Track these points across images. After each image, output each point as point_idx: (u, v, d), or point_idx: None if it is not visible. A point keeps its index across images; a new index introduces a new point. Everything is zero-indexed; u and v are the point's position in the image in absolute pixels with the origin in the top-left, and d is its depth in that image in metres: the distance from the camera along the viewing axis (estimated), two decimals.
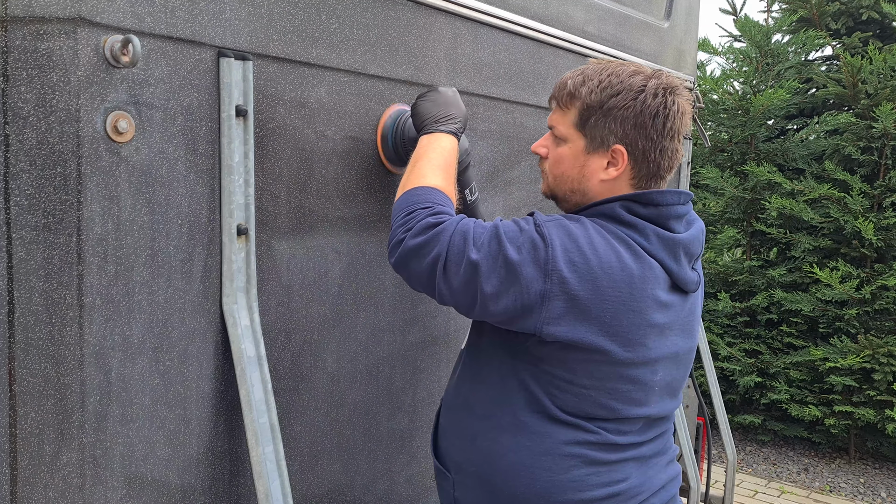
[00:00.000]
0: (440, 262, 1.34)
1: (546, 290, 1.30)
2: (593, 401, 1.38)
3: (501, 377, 1.43)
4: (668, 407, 1.50)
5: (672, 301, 1.41)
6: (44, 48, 1.11)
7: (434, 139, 1.51)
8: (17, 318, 1.13)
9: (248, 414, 1.35)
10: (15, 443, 1.15)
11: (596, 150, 1.41)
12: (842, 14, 5.57)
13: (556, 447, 1.38)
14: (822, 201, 5.18)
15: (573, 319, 1.31)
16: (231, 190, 1.34)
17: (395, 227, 1.41)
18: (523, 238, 1.33)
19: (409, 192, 1.43)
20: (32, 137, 1.12)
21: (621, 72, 1.41)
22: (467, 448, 1.48)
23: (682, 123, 1.41)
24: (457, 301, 1.36)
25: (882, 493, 4.85)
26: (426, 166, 1.47)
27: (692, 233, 1.45)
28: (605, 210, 1.40)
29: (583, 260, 1.31)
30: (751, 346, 5.40)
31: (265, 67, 1.41)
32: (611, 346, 1.34)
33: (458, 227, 1.35)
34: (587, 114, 1.40)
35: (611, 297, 1.31)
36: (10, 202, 1.11)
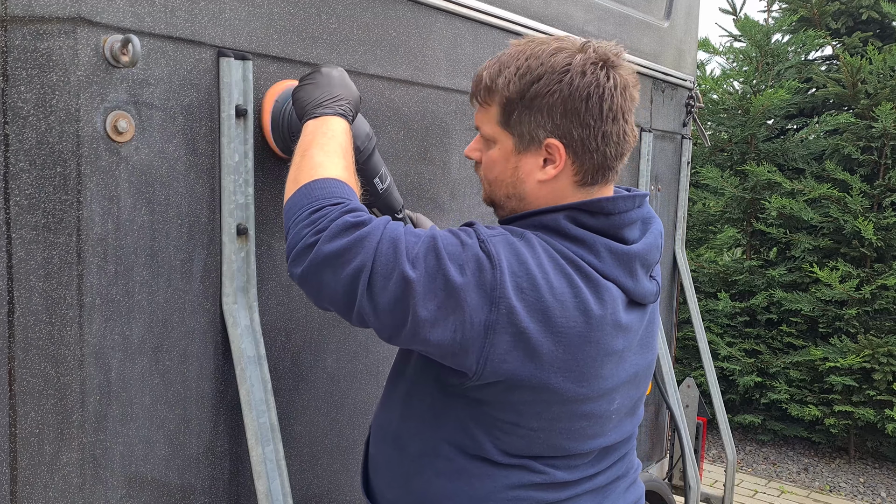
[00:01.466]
0: (364, 275, 1.10)
1: (491, 322, 1.09)
2: (542, 442, 1.20)
3: (435, 414, 1.23)
4: (628, 429, 1.34)
5: (631, 321, 1.23)
6: (44, 48, 1.11)
7: (321, 123, 1.28)
8: (17, 318, 1.13)
9: (248, 413, 1.35)
10: (15, 442, 1.15)
11: (527, 149, 1.21)
12: (842, 14, 5.57)
13: (499, 492, 1.20)
14: (821, 201, 5.18)
15: (521, 357, 1.11)
16: (231, 190, 1.34)
17: (297, 227, 1.16)
18: (466, 255, 1.11)
19: (307, 186, 1.19)
20: (32, 137, 1.12)
21: (541, 52, 1.19)
22: (399, 487, 1.29)
23: (625, 99, 1.19)
24: (381, 323, 1.12)
25: (882, 492, 4.85)
26: (318, 154, 1.23)
27: (648, 240, 1.26)
28: (548, 222, 1.20)
29: (532, 287, 1.11)
30: (751, 346, 5.40)
31: (265, 67, 1.41)
32: (563, 384, 1.15)
33: (386, 233, 1.13)
34: (509, 108, 1.20)
35: (564, 329, 1.12)
36: (10, 202, 1.11)
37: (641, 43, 2.65)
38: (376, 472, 1.35)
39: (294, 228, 1.16)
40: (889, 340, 4.82)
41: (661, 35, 2.82)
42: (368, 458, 1.38)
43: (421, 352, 1.18)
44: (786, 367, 5.22)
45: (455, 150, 1.89)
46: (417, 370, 1.26)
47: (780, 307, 5.31)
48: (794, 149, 5.40)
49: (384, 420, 1.33)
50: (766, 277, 5.36)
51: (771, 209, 5.23)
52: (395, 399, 1.31)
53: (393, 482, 1.30)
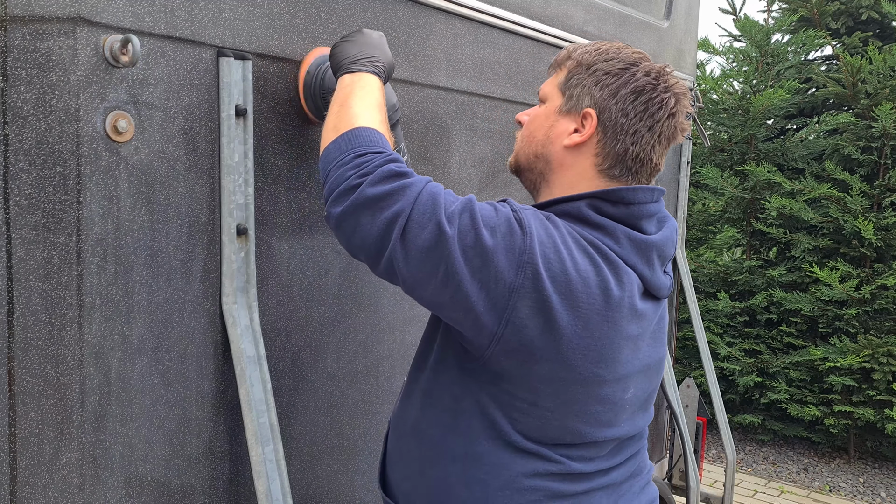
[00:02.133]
0: (400, 220, 1.14)
1: (517, 285, 1.12)
2: (559, 425, 1.22)
3: (454, 398, 1.25)
4: (640, 424, 1.35)
5: (645, 309, 1.26)
6: (43, 48, 1.11)
7: (357, 78, 1.32)
8: (17, 318, 1.13)
9: (247, 413, 1.35)
10: (15, 443, 1.15)
11: (569, 112, 1.28)
12: (842, 14, 5.57)
13: (515, 480, 1.22)
14: (821, 201, 5.18)
15: (541, 325, 1.14)
16: (231, 190, 1.34)
17: (340, 170, 1.20)
18: (499, 220, 1.16)
19: (349, 133, 1.24)
20: (32, 137, 1.12)
21: (624, 48, 1.30)
22: (416, 478, 1.31)
23: (669, 125, 1.27)
24: (409, 270, 1.15)
25: (882, 492, 4.85)
26: (357, 104, 1.28)
27: (665, 234, 1.31)
28: (570, 209, 1.25)
29: (558, 259, 1.15)
30: (750, 346, 5.40)
31: (265, 67, 1.41)
32: (581, 362, 1.18)
33: (428, 187, 1.18)
34: (573, 72, 1.29)
35: (585, 306, 1.16)
36: (10, 202, 1.11)
37: (641, 43, 2.65)
38: (393, 465, 1.37)
39: (336, 171, 1.21)
40: (889, 340, 4.82)
41: (661, 35, 2.82)
42: (386, 453, 1.41)
43: (443, 314, 1.21)
44: (786, 367, 5.22)
45: (455, 150, 1.89)
46: (439, 358, 1.29)
47: (780, 307, 5.31)
48: (794, 149, 5.40)
49: (403, 413, 1.36)
50: (765, 277, 5.36)
51: (771, 209, 5.23)
52: (415, 391, 1.34)
53: (409, 473, 1.33)
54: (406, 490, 1.33)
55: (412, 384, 1.36)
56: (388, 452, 1.40)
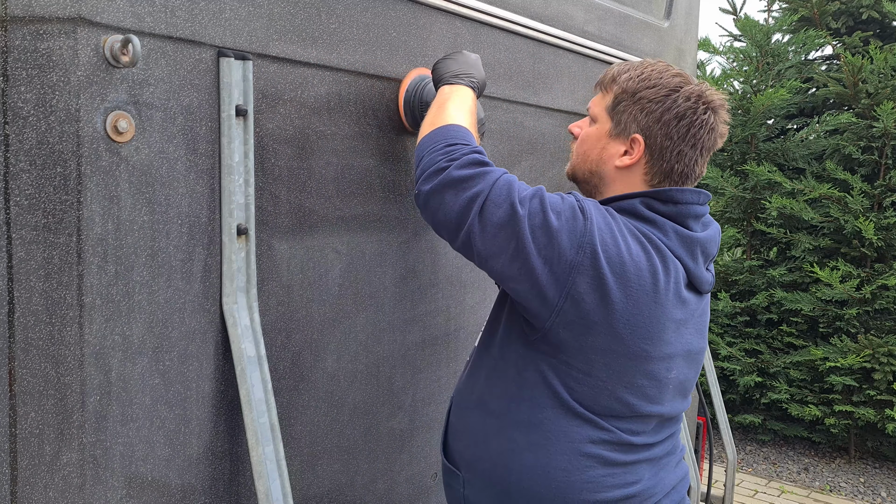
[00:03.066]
0: (479, 200, 1.32)
1: (577, 262, 1.29)
2: (610, 394, 1.36)
3: (518, 370, 1.41)
4: (680, 407, 1.50)
5: (689, 299, 1.41)
6: (44, 48, 1.11)
7: (455, 89, 1.54)
8: (17, 318, 1.13)
9: (248, 414, 1.35)
10: (15, 443, 1.15)
11: (618, 136, 1.44)
12: (842, 13, 5.57)
13: (573, 446, 1.37)
14: (822, 201, 5.18)
15: (597, 300, 1.30)
16: (231, 190, 1.34)
17: (432, 155, 1.39)
18: (564, 206, 1.33)
19: (443, 128, 1.44)
20: (32, 137, 1.12)
21: (665, 70, 1.43)
22: (480, 446, 1.46)
23: (710, 138, 1.42)
24: (484, 243, 1.33)
25: (882, 492, 4.85)
26: (453, 108, 1.48)
27: (710, 233, 1.46)
28: (625, 206, 1.41)
29: (614, 244, 1.31)
30: (751, 346, 5.40)
31: (265, 67, 1.41)
32: (630, 337, 1.33)
33: (504, 176, 1.36)
34: (620, 98, 1.43)
35: (635, 287, 1.31)
36: (10, 202, 1.11)
37: (641, 43, 2.65)
38: (456, 437, 1.52)
39: (429, 155, 1.40)
40: (889, 340, 4.81)
41: (661, 35, 2.82)
42: (448, 426, 1.57)
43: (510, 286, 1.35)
44: (786, 367, 5.22)
45: None
46: (504, 335, 1.45)
47: (781, 307, 5.31)
48: (795, 149, 5.40)
49: (468, 388, 1.52)
50: (766, 277, 5.36)
51: (771, 209, 5.23)
52: (481, 368, 1.49)
53: (474, 443, 1.47)
54: (469, 458, 1.48)
55: (478, 361, 1.51)
56: (451, 426, 1.55)
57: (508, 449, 1.41)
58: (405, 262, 1.77)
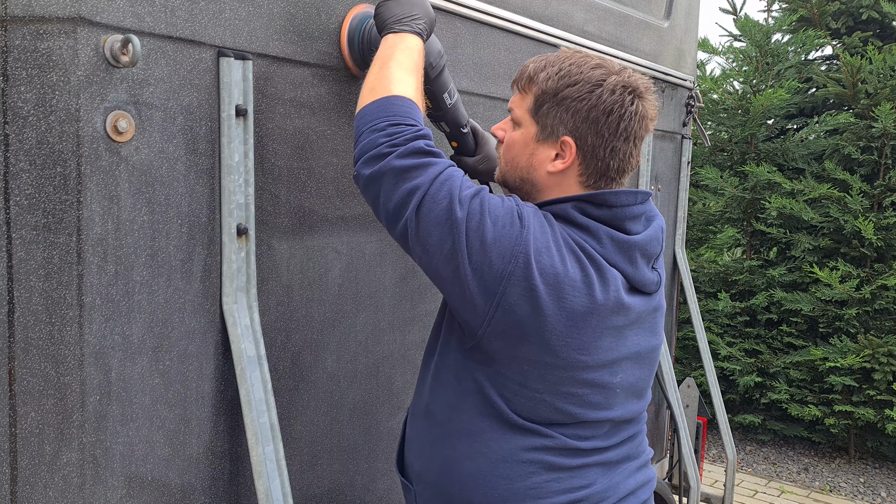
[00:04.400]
0: (418, 194, 1.25)
1: (509, 272, 1.23)
2: (549, 405, 1.31)
3: (458, 379, 1.36)
4: (634, 409, 1.43)
5: (633, 303, 1.35)
6: (44, 48, 1.11)
7: (399, 39, 1.41)
8: (17, 318, 1.13)
9: (248, 413, 1.35)
10: (15, 442, 1.15)
11: (546, 140, 1.35)
12: (842, 14, 5.57)
13: (514, 454, 1.32)
14: (821, 201, 5.18)
15: (528, 311, 1.24)
16: (231, 190, 1.34)
17: (373, 134, 1.30)
18: (503, 211, 1.26)
19: (385, 99, 1.33)
20: (32, 137, 1.12)
21: (583, 63, 1.34)
22: (427, 456, 1.42)
23: (641, 127, 1.35)
24: (419, 240, 1.26)
25: (882, 492, 4.85)
26: (396, 69, 1.37)
27: (650, 233, 1.39)
28: (558, 210, 1.34)
29: (549, 256, 1.25)
30: (751, 346, 5.40)
31: (265, 67, 1.41)
32: (564, 350, 1.27)
33: (448, 170, 1.29)
34: (542, 100, 1.34)
35: (570, 301, 1.25)
36: (10, 202, 1.11)
37: (641, 43, 2.65)
38: (409, 448, 1.48)
39: (370, 135, 1.31)
40: (889, 340, 4.82)
41: (661, 35, 2.82)
42: (404, 438, 1.51)
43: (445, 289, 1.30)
44: (786, 367, 5.22)
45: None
46: (444, 343, 1.40)
47: (780, 307, 5.31)
48: (794, 149, 5.40)
49: (418, 399, 1.47)
50: (766, 277, 5.36)
51: (771, 209, 5.23)
52: (426, 377, 1.44)
53: (421, 453, 1.43)
54: (418, 469, 1.44)
55: (424, 371, 1.46)
56: (406, 438, 1.50)
57: (451, 458, 1.37)
58: (405, 262, 1.77)
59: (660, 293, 1.44)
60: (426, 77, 1.48)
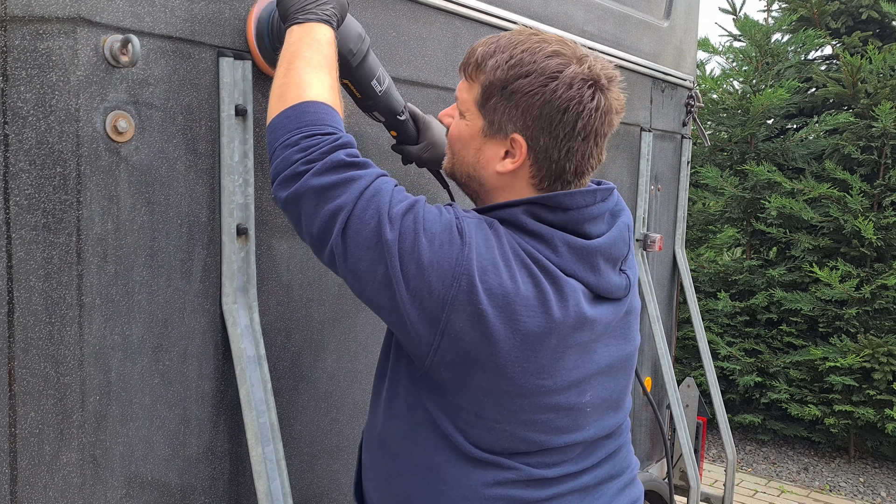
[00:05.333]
0: (342, 215, 1.11)
1: (451, 296, 1.09)
2: (509, 435, 1.18)
3: (409, 408, 1.22)
4: (611, 423, 1.29)
5: (598, 314, 1.20)
6: (43, 48, 1.11)
7: (305, 31, 1.23)
8: (17, 318, 1.13)
9: (248, 413, 1.35)
10: (15, 442, 1.15)
11: (494, 136, 1.20)
12: (841, 13, 5.57)
13: (476, 490, 1.18)
14: (821, 201, 5.18)
15: (477, 338, 1.10)
16: (231, 190, 1.34)
17: (286, 151, 1.15)
18: (440, 227, 1.12)
19: (295, 108, 1.17)
20: (32, 137, 1.12)
21: (538, 49, 1.16)
22: (383, 489, 1.29)
23: (604, 123, 1.18)
24: (349, 268, 1.13)
25: (882, 492, 4.85)
26: (304, 69, 1.20)
27: (613, 234, 1.24)
28: (506, 216, 1.19)
29: (496, 273, 1.11)
30: (750, 346, 5.40)
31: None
32: (521, 375, 1.13)
33: (375, 182, 1.14)
34: (489, 92, 1.18)
35: (524, 321, 1.11)
36: (10, 202, 1.11)
37: (641, 43, 2.65)
38: (366, 475, 1.35)
39: (283, 152, 1.16)
40: (889, 340, 4.82)
41: (661, 35, 2.82)
42: (361, 463, 1.38)
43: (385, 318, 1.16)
44: (786, 367, 5.22)
45: None
46: (394, 368, 1.26)
47: (780, 307, 5.31)
48: (794, 148, 5.40)
49: (371, 424, 1.33)
50: (765, 277, 5.36)
51: (771, 209, 5.23)
52: (378, 402, 1.30)
53: (378, 483, 1.30)
54: (376, 501, 1.31)
55: (376, 395, 1.32)
56: (363, 463, 1.37)
57: (408, 493, 1.24)
58: None
59: (631, 295, 1.30)
60: (347, 66, 1.33)
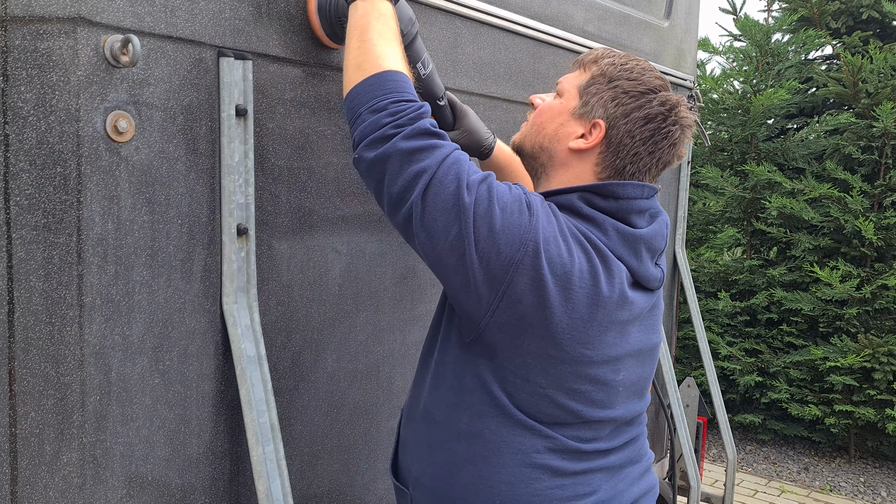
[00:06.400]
0: (425, 177, 1.21)
1: (516, 260, 1.19)
2: (551, 401, 1.27)
3: (457, 376, 1.32)
4: (636, 408, 1.40)
5: (635, 298, 1.32)
6: (44, 48, 1.11)
7: (370, 5, 1.33)
8: (17, 318, 1.13)
9: (248, 413, 1.35)
10: (15, 442, 1.15)
11: (581, 117, 1.34)
12: (842, 13, 5.57)
13: (517, 457, 1.28)
14: (822, 201, 5.18)
15: (534, 301, 1.20)
16: (231, 190, 1.34)
17: (375, 115, 1.24)
18: (510, 199, 1.23)
19: (378, 76, 1.27)
20: (32, 137, 1.12)
21: (648, 69, 1.35)
22: (424, 460, 1.37)
23: (669, 153, 1.34)
24: (425, 226, 1.22)
25: (882, 492, 4.85)
26: (378, 41, 1.30)
27: (654, 227, 1.37)
28: (563, 201, 1.31)
29: (556, 246, 1.22)
30: (751, 346, 5.40)
31: (265, 67, 1.41)
32: (569, 343, 1.24)
33: (455, 153, 1.24)
34: (595, 79, 1.35)
35: (577, 289, 1.22)
36: (10, 202, 1.11)
37: (641, 43, 2.65)
38: (405, 451, 1.43)
39: (370, 116, 1.25)
40: (889, 340, 4.82)
41: (661, 35, 2.82)
42: (399, 441, 1.47)
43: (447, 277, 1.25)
44: (786, 367, 5.22)
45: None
46: (444, 339, 1.36)
47: (781, 307, 5.31)
48: (795, 148, 5.40)
49: (414, 399, 1.43)
50: (766, 277, 5.36)
51: (771, 209, 5.23)
52: (424, 377, 1.40)
53: (419, 456, 1.39)
54: (416, 473, 1.39)
55: (422, 370, 1.42)
56: (401, 439, 1.46)
57: (450, 461, 1.32)
58: (405, 262, 1.77)
59: (660, 291, 1.42)
60: None
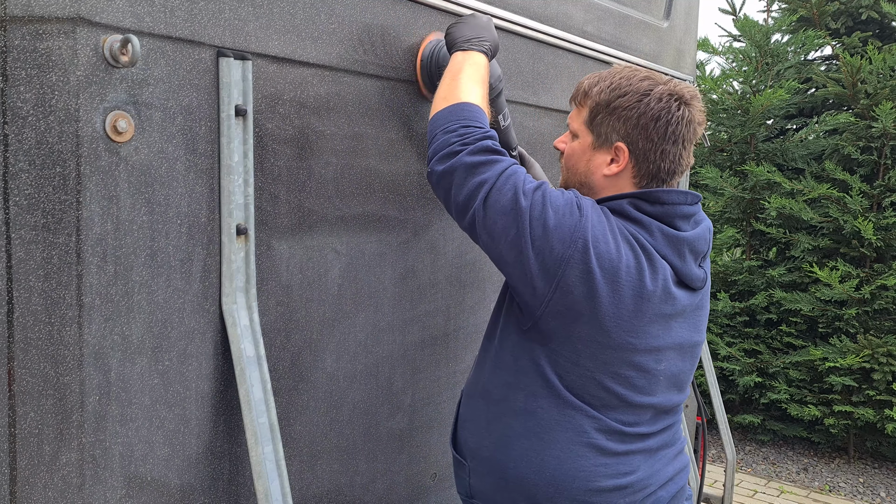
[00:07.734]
0: (486, 186, 1.40)
1: (568, 256, 1.35)
2: (598, 384, 1.42)
3: (515, 359, 1.48)
4: (675, 399, 1.54)
5: (679, 295, 1.46)
6: (43, 48, 1.11)
7: (468, 56, 1.58)
8: (17, 318, 1.13)
9: (247, 414, 1.35)
10: (14, 443, 1.15)
11: (601, 147, 1.49)
12: (841, 14, 5.57)
13: (567, 435, 1.43)
14: (821, 201, 5.18)
15: (584, 292, 1.36)
16: (230, 190, 1.34)
17: (446, 136, 1.45)
18: (562, 202, 1.39)
19: (456, 106, 1.49)
20: (32, 137, 1.12)
21: (633, 76, 1.48)
22: (482, 434, 1.53)
23: (689, 130, 1.47)
24: (487, 229, 1.41)
25: (881, 492, 4.85)
26: (466, 80, 1.53)
27: (698, 232, 1.51)
28: (615, 206, 1.46)
29: (605, 242, 1.37)
30: (750, 346, 5.40)
31: (265, 67, 1.41)
32: (615, 330, 1.39)
33: (512, 167, 1.43)
34: (596, 111, 1.49)
35: (623, 282, 1.37)
36: (10, 202, 1.11)
37: (641, 43, 2.65)
38: (464, 426, 1.60)
39: (443, 135, 1.47)
40: (889, 340, 4.82)
41: (661, 35, 2.82)
42: (458, 417, 1.64)
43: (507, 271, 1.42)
44: (785, 367, 5.22)
45: None
46: (504, 326, 1.52)
47: (780, 307, 5.30)
48: (794, 149, 5.40)
49: (475, 379, 1.59)
50: (765, 277, 5.36)
51: (770, 209, 5.23)
52: (486, 359, 1.57)
53: (476, 431, 1.55)
54: (473, 446, 1.55)
55: (483, 353, 1.59)
56: (460, 416, 1.63)
57: (506, 435, 1.48)
58: (405, 262, 1.77)
59: (705, 291, 1.55)
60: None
